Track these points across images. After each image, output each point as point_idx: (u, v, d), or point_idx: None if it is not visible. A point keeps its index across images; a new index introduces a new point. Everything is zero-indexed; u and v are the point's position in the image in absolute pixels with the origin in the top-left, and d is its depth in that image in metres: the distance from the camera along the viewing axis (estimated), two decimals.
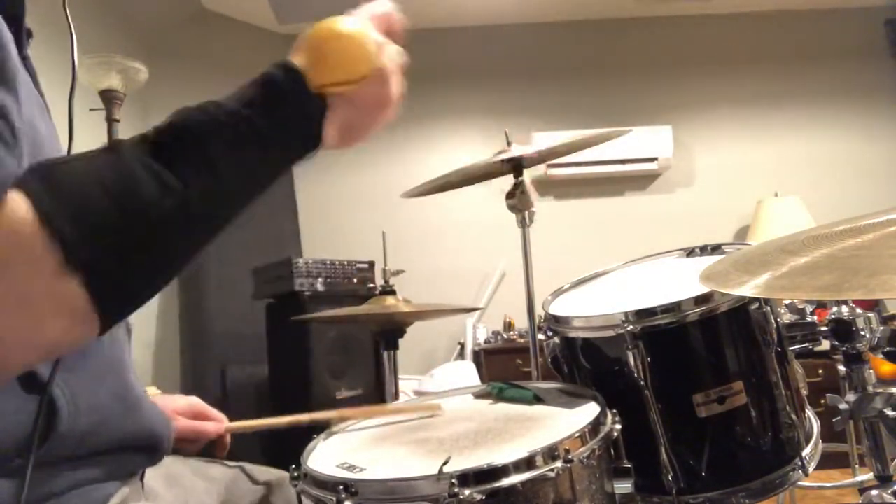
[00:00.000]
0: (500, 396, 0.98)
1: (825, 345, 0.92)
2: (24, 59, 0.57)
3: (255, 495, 0.86)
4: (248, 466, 0.89)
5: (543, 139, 3.34)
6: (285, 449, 0.90)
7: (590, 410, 0.81)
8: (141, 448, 0.68)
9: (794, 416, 0.93)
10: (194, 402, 0.93)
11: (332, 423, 0.93)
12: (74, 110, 0.63)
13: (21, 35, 0.56)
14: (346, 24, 0.56)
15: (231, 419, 0.96)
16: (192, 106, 0.49)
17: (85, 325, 0.42)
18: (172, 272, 0.48)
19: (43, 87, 0.61)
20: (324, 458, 0.80)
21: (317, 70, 0.52)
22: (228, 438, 0.94)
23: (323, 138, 0.54)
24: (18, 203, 0.39)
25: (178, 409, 0.89)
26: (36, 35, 0.62)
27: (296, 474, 0.74)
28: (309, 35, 0.55)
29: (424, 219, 3.62)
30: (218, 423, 0.92)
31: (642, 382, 0.87)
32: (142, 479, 0.73)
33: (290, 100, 0.51)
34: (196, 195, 0.46)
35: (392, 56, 0.59)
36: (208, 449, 0.92)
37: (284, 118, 0.51)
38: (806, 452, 0.91)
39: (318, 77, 0.52)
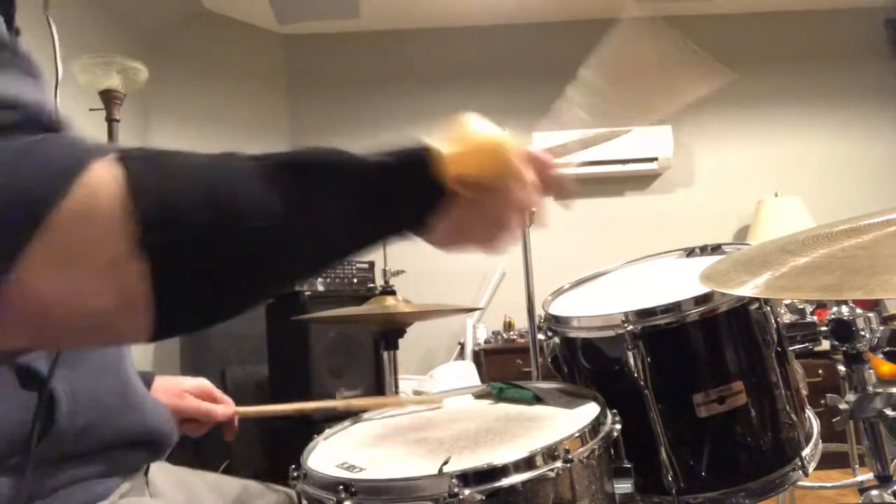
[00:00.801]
0: (500, 396, 0.98)
1: (825, 345, 0.92)
2: None
3: None
4: (253, 485, 0.90)
5: (543, 139, 3.34)
6: (285, 449, 0.90)
7: (590, 410, 0.81)
8: (142, 444, 0.68)
9: (794, 416, 0.93)
10: (204, 382, 0.94)
11: (335, 410, 0.94)
12: (74, 111, 0.64)
13: (10, 34, 0.56)
14: (495, 129, 0.55)
15: None
16: (322, 146, 0.48)
17: (137, 315, 0.40)
18: (235, 298, 0.46)
19: None
20: (324, 457, 0.80)
21: (451, 156, 0.52)
22: (236, 422, 0.95)
23: (429, 226, 0.52)
24: (112, 169, 0.39)
25: (188, 388, 0.90)
26: (28, 35, 0.62)
27: (296, 474, 0.74)
28: (456, 126, 0.55)
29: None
30: (226, 405, 0.94)
31: (642, 382, 0.87)
32: (146, 474, 0.73)
33: (415, 171, 0.50)
34: (291, 227, 0.44)
35: (525, 185, 0.57)
36: (216, 430, 0.93)
37: (402, 186, 0.50)
38: (806, 452, 0.91)
39: (450, 164, 0.51)
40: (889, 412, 0.84)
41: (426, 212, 0.52)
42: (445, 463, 0.66)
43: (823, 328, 0.90)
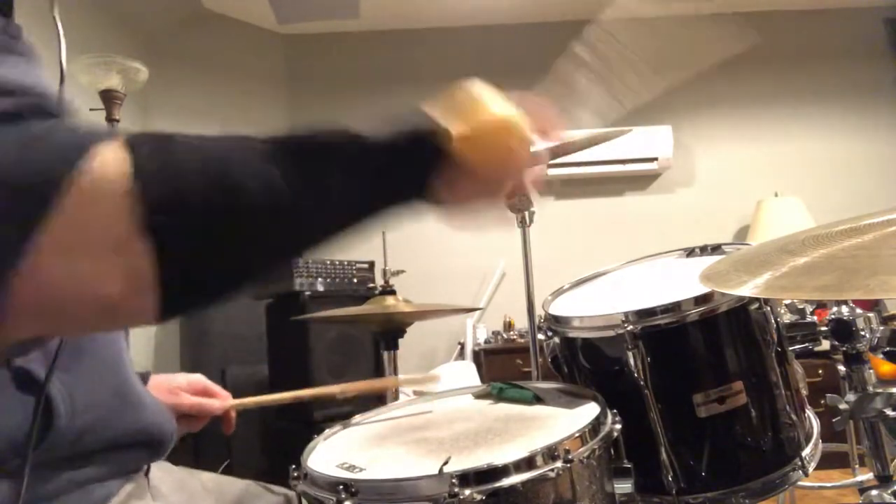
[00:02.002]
0: (500, 396, 0.98)
1: (825, 345, 0.92)
2: None
3: None
4: (254, 485, 0.90)
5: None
6: (285, 449, 0.90)
7: (590, 410, 0.81)
8: (142, 444, 0.68)
9: (794, 416, 0.93)
10: (198, 377, 0.95)
11: (333, 395, 0.94)
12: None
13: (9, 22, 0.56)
14: (504, 104, 0.54)
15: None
16: (329, 124, 0.48)
17: (144, 297, 0.40)
18: (242, 277, 0.46)
19: None
20: (324, 458, 0.80)
21: (459, 137, 0.51)
22: (234, 415, 0.95)
23: (436, 197, 0.52)
24: (118, 151, 0.39)
25: (181, 384, 0.90)
26: (29, 34, 0.62)
27: (296, 474, 0.74)
28: (464, 97, 0.54)
29: (424, 219, 3.61)
30: (222, 399, 0.94)
31: (642, 382, 0.87)
32: (147, 474, 0.73)
33: (423, 152, 0.50)
34: (296, 206, 0.44)
35: (527, 137, 0.56)
36: (214, 425, 0.93)
37: (409, 165, 0.50)
38: (806, 452, 0.91)
39: (458, 144, 0.51)
40: (889, 412, 0.84)
41: (433, 187, 0.52)
42: (445, 463, 0.66)
43: (823, 328, 0.90)
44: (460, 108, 0.53)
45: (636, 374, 0.87)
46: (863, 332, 0.85)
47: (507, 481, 0.63)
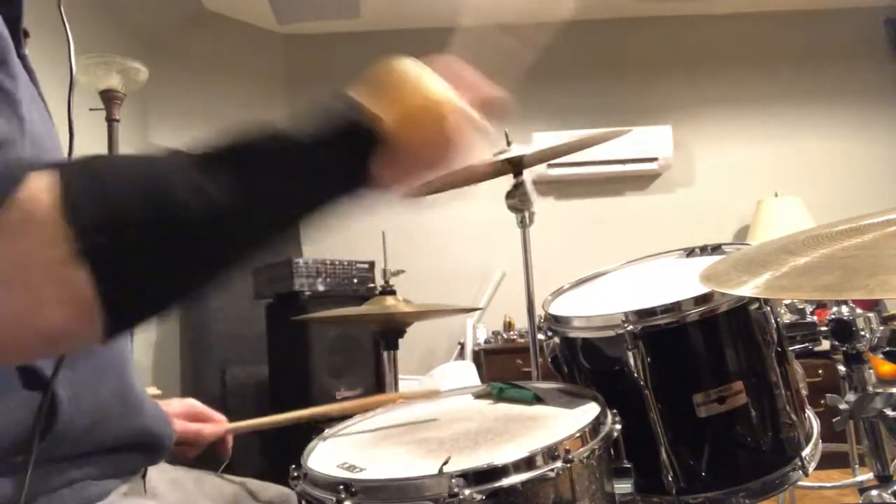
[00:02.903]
0: (500, 396, 0.98)
1: (825, 345, 0.92)
2: (22, 57, 0.57)
3: None
4: (251, 483, 0.89)
5: (543, 139, 3.34)
6: (285, 449, 0.90)
7: (590, 410, 0.81)
8: (141, 447, 0.68)
9: (794, 416, 0.93)
10: (191, 403, 0.92)
11: (333, 416, 0.93)
12: (75, 110, 0.64)
13: (18, 34, 0.56)
14: (434, 82, 0.53)
15: (231, 419, 0.95)
16: (257, 127, 0.48)
17: (87, 322, 0.40)
18: (186, 286, 0.46)
19: (42, 88, 0.61)
20: (324, 458, 0.80)
21: (390, 122, 0.50)
22: (230, 439, 0.94)
23: (373, 175, 0.51)
24: (45, 180, 0.39)
25: (175, 411, 0.87)
26: (34, 36, 0.62)
27: (296, 474, 0.74)
28: (393, 77, 0.54)
29: (424, 219, 3.62)
30: (217, 424, 0.92)
31: (642, 382, 0.87)
32: (143, 477, 0.73)
33: (352, 141, 0.49)
34: (232, 212, 0.44)
35: (459, 108, 0.55)
36: (210, 451, 0.92)
37: (341, 158, 0.49)
38: (806, 452, 0.91)
39: (389, 129, 0.50)
40: (889, 412, 0.84)
41: (370, 173, 0.51)
42: (445, 463, 0.66)
43: (823, 328, 0.90)
44: (389, 91, 0.52)
45: (636, 374, 0.87)
46: (863, 332, 0.85)
47: (507, 481, 0.63)
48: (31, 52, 0.60)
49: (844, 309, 0.87)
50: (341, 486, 0.65)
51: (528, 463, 0.65)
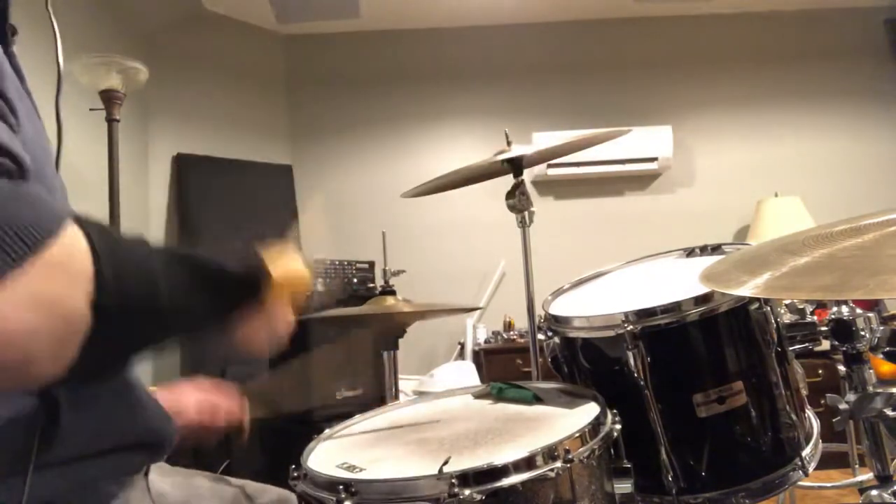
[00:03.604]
0: (500, 396, 0.98)
1: (825, 345, 0.92)
2: (10, 56, 0.57)
3: None
4: (250, 485, 0.89)
5: (543, 139, 3.34)
6: (285, 449, 0.90)
7: (590, 410, 0.81)
8: (143, 445, 0.68)
9: (794, 416, 0.93)
10: (199, 380, 0.95)
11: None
12: (74, 110, 0.64)
13: (5, 31, 0.56)
14: (301, 264, 0.69)
15: None
16: (209, 252, 0.58)
17: (53, 364, 0.43)
18: (130, 358, 0.54)
19: (33, 87, 0.61)
20: (324, 458, 0.80)
21: (276, 281, 0.63)
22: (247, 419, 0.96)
23: (239, 324, 0.62)
24: (78, 230, 0.44)
25: (188, 399, 0.90)
26: (26, 34, 0.62)
27: (296, 474, 0.74)
28: (282, 255, 0.66)
29: (424, 219, 3.62)
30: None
31: (642, 382, 0.87)
32: (146, 475, 0.73)
33: (254, 287, 0.61)
34: (180, 306, 0.53)
35: (309, 288, 0.71)
36: (232, 437, 0.94)
37: (245, 296, 0.61)
38: (806, 452, 0.91)
39: (274, 286, 0.63)
40: (889, 412, 0.84)
41: (247, 314, 0.62)
42: (445, 463, 0.66)
43: (823, 328, 0.90)
44: (276, 259, 0.65)
45: (636, 374, 0.87)
46: (863, 332, 0.85)
47: (506, 481, 0.63)
48: (23, 50, 0.60)
49: (844, 309, 0.87)
50: (341, 487, 0.66)
51: (527, 463, 0.65)
